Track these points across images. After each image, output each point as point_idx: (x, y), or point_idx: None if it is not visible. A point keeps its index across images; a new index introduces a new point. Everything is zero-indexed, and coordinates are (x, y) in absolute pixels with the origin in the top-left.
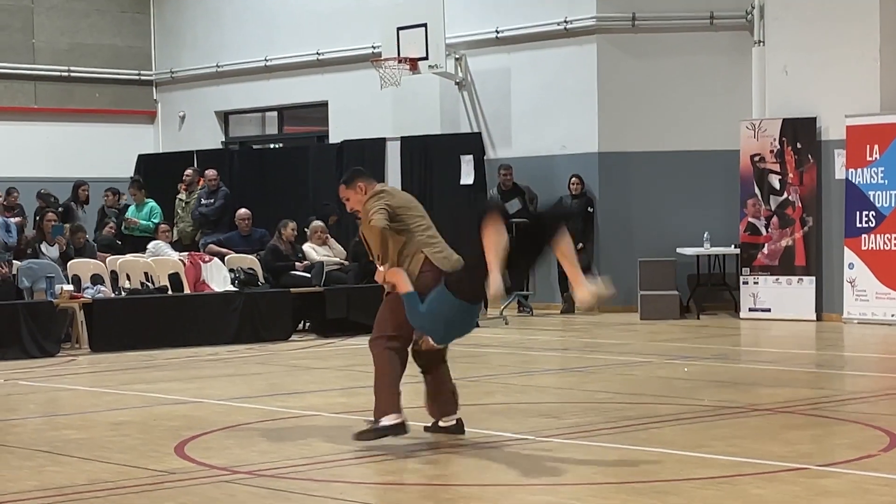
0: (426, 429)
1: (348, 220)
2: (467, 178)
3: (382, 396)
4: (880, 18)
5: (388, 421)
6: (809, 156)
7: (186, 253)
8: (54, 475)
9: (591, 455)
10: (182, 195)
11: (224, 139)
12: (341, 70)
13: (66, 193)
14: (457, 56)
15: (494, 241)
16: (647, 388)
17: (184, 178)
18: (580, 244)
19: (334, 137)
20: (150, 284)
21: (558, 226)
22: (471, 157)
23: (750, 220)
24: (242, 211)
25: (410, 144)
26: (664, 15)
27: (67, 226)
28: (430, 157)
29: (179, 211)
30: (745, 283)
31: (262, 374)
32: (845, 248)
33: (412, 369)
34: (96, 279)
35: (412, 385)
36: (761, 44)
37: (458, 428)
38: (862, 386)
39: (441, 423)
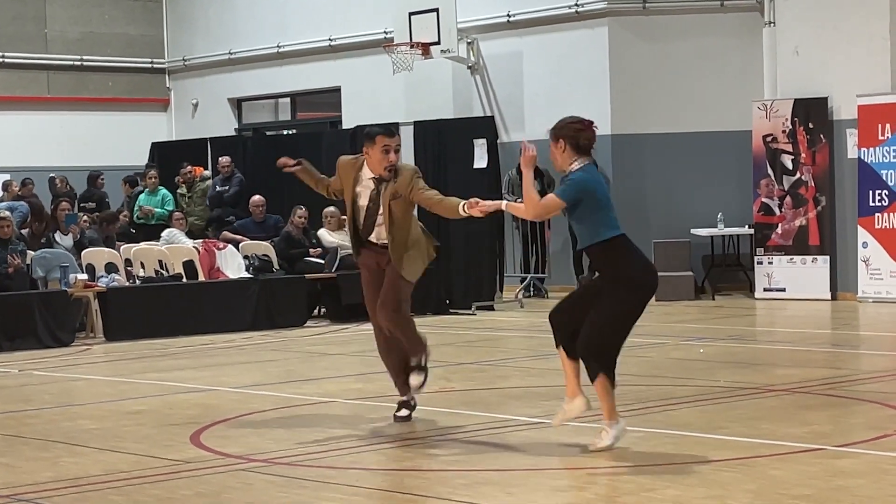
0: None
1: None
2: (481, 161)
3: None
4: None
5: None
6: (821, 136)
7: (201, 240)
8: (70, 466)
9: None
10: (181, 189)
11: (237, 126)
12: (354, 56)
13: (80, 182)
14: (469, 40)
15: None
16: (662, 370)
17: (181, 173)
18: None
19: (347, 123)
20: (164, 272)
21: None
22: (484, 140)
23: (763, 200)
24: (256, 198)
25: (423, 129)
26: None
27: (81, 214)
28: (443, 142)
29: (183, 205)
30: (760, 263)
31: (277, 361)
32: (859, 227)
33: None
34: (110, 268)
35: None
36: (772, 25)
37: None
38: (878, 365)
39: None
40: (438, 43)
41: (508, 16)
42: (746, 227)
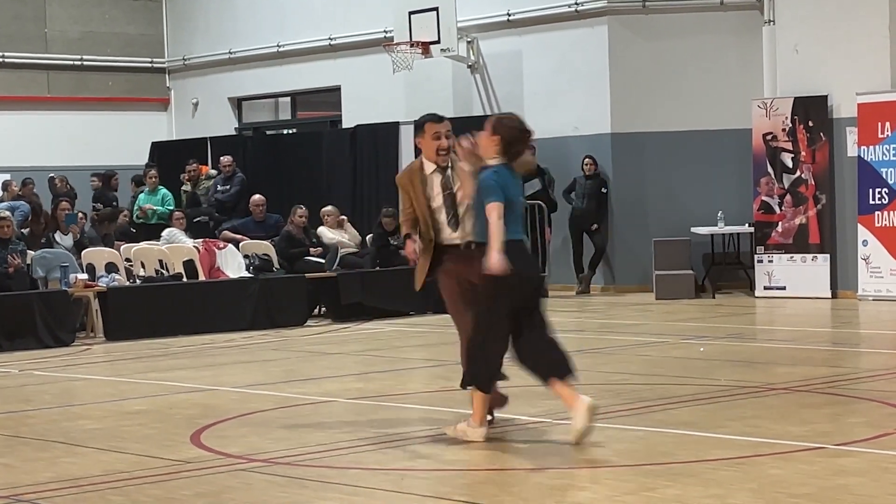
0: None
1: (363, 205)
2: None
3: None
4: None
5: None
6: (821, 134)
7: (201, 240)
8: (69, 466)
9: (608, 437)
10: (186, 186)
11: (237, 125)
12: (354, 55)
13: (79, 181)
14: (468, 39)
15: None
16: (662, 369)
17: (187, 170)
18: (595, 225)
19: (347, 122)
20: (164, 272)
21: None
22: None
23: (763, 198)
24: (257, 197)
25: None
26: None
27: (80, 213)
28: None
29: (186, 202)
30: (760, 261)
31: (277, 361)
32: (859, 225)
33: None
34: (111, 267)
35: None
36: (771, 23)
37: None
38: (878, 363)
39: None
40: (438, 42)
41: (508, 15)
42: (746, 225)
